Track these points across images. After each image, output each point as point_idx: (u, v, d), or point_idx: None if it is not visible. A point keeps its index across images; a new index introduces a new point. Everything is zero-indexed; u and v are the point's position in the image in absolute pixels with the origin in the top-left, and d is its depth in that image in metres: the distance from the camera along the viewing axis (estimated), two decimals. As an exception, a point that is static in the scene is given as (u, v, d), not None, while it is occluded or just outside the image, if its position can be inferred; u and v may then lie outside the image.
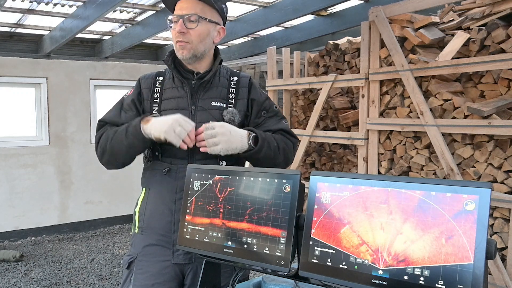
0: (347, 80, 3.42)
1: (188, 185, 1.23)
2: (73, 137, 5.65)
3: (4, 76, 5.18)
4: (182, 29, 1.48)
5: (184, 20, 1.48)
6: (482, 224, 0.78)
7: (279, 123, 1.61)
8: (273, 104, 1.65)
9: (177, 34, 1.50)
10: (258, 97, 1.61)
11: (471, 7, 2.97)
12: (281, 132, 1.59)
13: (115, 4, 3.56)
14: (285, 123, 1.63)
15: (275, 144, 1.52)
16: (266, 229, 1.04)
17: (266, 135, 1.51)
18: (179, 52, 1.52)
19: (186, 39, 1.49)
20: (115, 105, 1.62)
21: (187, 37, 1.49)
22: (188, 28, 1.49)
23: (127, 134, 1.46)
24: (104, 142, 1.52)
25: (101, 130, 1.58)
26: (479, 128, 2.61)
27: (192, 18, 1.49)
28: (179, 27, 1.49)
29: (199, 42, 1.51)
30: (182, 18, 1.49)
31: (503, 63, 2.48)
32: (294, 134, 1.65)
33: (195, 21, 1.49)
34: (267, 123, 1.59)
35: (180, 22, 1.49)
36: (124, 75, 5.90)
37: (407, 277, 0.83)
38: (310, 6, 3.92)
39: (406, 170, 3.12)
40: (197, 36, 1.51)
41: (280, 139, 1.56)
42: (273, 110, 1.63)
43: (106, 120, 1.59)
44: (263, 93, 1.65)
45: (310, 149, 4.06)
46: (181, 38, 1.49)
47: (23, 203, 5.37)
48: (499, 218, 2.59)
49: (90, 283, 3.99)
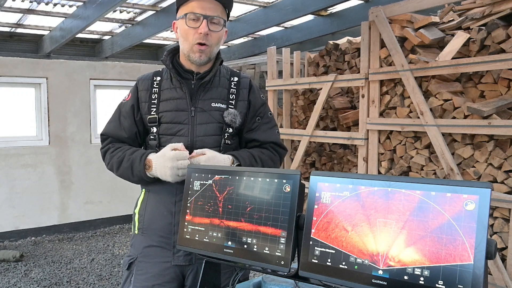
0: (347, 80, 3.42)
1: (188, 185, 1.23)
2: (73, 137, 5.65)
3: (4, 76, 5.18)
4: (207, 31, 1.42)
5: (208, 21, 1.42)
6: (482, 224, 0.78)
7: (270, 133, 1.59)
8: (268, 110, 1.62)
9: (199, 35, 1.43)
10: (256, 101, 1.58)
11: (471, 7, 2.97)
12: (271, 145, 1.58)
13: (115, 4, 3.56)
14: (277, 134, 1.62)
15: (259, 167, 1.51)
16: (266, 229, 1.04)
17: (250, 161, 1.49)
18: (197, 55, 1.45)
19: (208, 42, 1.44)
20: (114, 114, 1.61)
21: (209, 40, 1.44)
22: (211, 30, 1.43)
23: (133, 173, 1.48)
24: (111, 165, 1.55)
25: (104, 145, 1.60)
26: (479, 128, 2.61)
27: (215, 20, 1.44)
28: (205, 29, 1.41)
29: (215, 45, 1.48)
30: (207, 18, 1.42)
31: (503, 63, 2.48)
32: (284, 146, 1.64)
33: (218, 24, 1.45)
34: (259, 130, 1.58)
35: (204, 23, 1.42)
36: (124, 75, 5.90)
37: (407, 277, 0.83)
38: (310, 6, 3.92)
39: (406, 170, 3.12)
40: (216, 39, 1.47)
41: (267, 158, 1.55)
42: (267, 117, 1.60)
43: (108, 134, 1.59)
44: (261, 98, 1.62)
45: (310, 149, 4.06)
46: (205, 40, 1.43)
47: (23, 203, 5.37)
48: (499, 218, 2.59)
49: (90, 283, 3.99)
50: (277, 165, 1.60)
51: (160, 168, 1.41)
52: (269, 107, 1.65)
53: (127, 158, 1.49)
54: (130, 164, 1.48)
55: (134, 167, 1.47)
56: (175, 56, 1.56)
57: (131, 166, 1.47)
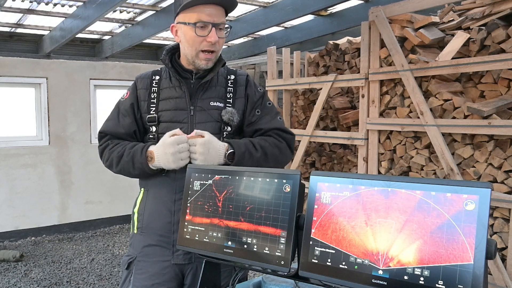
0: (347, 80, 3.42)
1: (188, 185, 1.23)
2: (73, 137, 5.65)
3: (4, 76, 5.18)
4: (217, 39, 1.43)
5: (216, 28, 1.43)
6: (482, 224, 0.78)
7: (272, 121, 1.56)
8: (267, 100, 1.61)
9: (208, 43, 1.43)
10: (253, 95, 1.57)
11: (471, 7, 2.97)
12: (275, 131, 1.55)
13: (115, 4, 3.56)
14: (280, 120, 1.59)
15: (259, 155, 1.47)
16: (266, 229, 1.04)
17: (247, 148, 1.47)
18: (203, 62, 1.46)
19: (216, 49, 1.45)
20: (112, 112, 1.61)
21: (216, 47, 1.45)
22: (219, 37, 1.44)
23: (134, 166, 1.47)
24: (110, 163, 1.54)
25: (103, 142, 1.58)
26: (479, 128, 2.61)
27: (221, 26, 1.45)
28: (215, 38, 1.42)
29: (220, 50, 1.50)
30: (215, 26, 1.43)
31: (503, 63, 2.48)
32: (289, 131, 1.59)
33: (224, 30, 1.46)
34: (261, 121, 1.56)
35: (213, 31, 1.42)
36: (124, 75, 5.90)
37: (407, 277, 0.83)
38: (310, 6, 3.92)
39: (406, 170, 3.12)
40: (222, 44, 1.49)
41: (270, 144, 1.51)
42: (266, 107, 1.59)
43: (107, 132, 1.58)
44: (259, 90, 1.61)
45: (310, 149, 4.06)
46: (213, 48, 1.44)
47: (23, 203, 5.37)
48: (499, 218, 2.59)
49: (90, 283, 3.99)
50: (284, 151, 1.55)
51: (162, 156, 1.41)
52: (268, 97, 1.63)
53: (128, 151, 1.49)
54: (131, 157, 1.47)
55: (135, 160, 1.46)
56: (174, 55, 1.57)
57: (132, 159, 1.47)
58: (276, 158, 1.52)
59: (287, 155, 1.57)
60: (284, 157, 1.56)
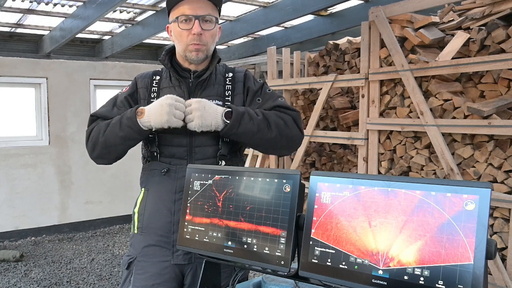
0: (347, 80, 3.42)
1: (188, 185, 1.23)
2: (73, 137, 5.64)
3: (4, 76, 5.18)
4: (200, 31, 1.43)
5: (200, 20, 1.43)
6: (482, 224, 0.78)
7: (274, 102, 1.53)
8: (267, 87, 1.59)
9: (193, 36, 1.44)
10: (252, 86, 1.57)
11: (471, 7, 2.97)
12: (277, 108, 1.51)
13: (115, 4, 3.56)
14: (281, 100, 1.55)
15: (260, 118, 1.43)
16: (266, 229, 1.04)
17: (247, 110, 1.44)
18: (193, 54, 1.47)
19: (202, 42, 1.46)
20: (109, 101, 1.60)
21: (203, 39, 1.45)
22: (204, 29, 1.44)
23: (121, 126, 1.43)
24: (96, 135, 1.50)
25: (92, 124, 1.56)
26: (479, 128, 2.61)
27: (207, 18, 1.45)
28: (197, 29, 1.43)
29: (211, 43, 1.49)
30: (198, 18, 1.43)
31: (503, 63, 2.48)
32: (293, 108, 1.54)
33: (210, 22, 1.46)
34: (263, 107, 1.53)
35: (197, 23, 1.43)
36: (124, 75, 5.90)
37: (407, 277, 0.83)
38: (310, 6, 3.92)
39: (406, 170, 3.12)
40: (211, 37, 1.48)
41: (273, 114, 1.47)
42: (267, 93, 1.57)
43: (98, 115, 1.57)
44: (258, 81, 1.60)
45: (310, 149, 4.06)
46: (198, 41, 1.45)
47: (23, 203, 5.37)
48: (499, 218, 2.59)
49: (90, 283, 3.99)
50: (290, 124, 1.48)
51: (155, 111, 1.38)
52: (267, 85, 1.62)
53: (117, 117, 1.47)
54: (120, 117, 1.45)
55: (123, 119, 1.43)
56: (173, 56, 1.58)
57: (121, 119, 1.44)
58: (281, 130, 1.46)
59: (294, 129, 1.49)
60: (290, 130, 1.48)
